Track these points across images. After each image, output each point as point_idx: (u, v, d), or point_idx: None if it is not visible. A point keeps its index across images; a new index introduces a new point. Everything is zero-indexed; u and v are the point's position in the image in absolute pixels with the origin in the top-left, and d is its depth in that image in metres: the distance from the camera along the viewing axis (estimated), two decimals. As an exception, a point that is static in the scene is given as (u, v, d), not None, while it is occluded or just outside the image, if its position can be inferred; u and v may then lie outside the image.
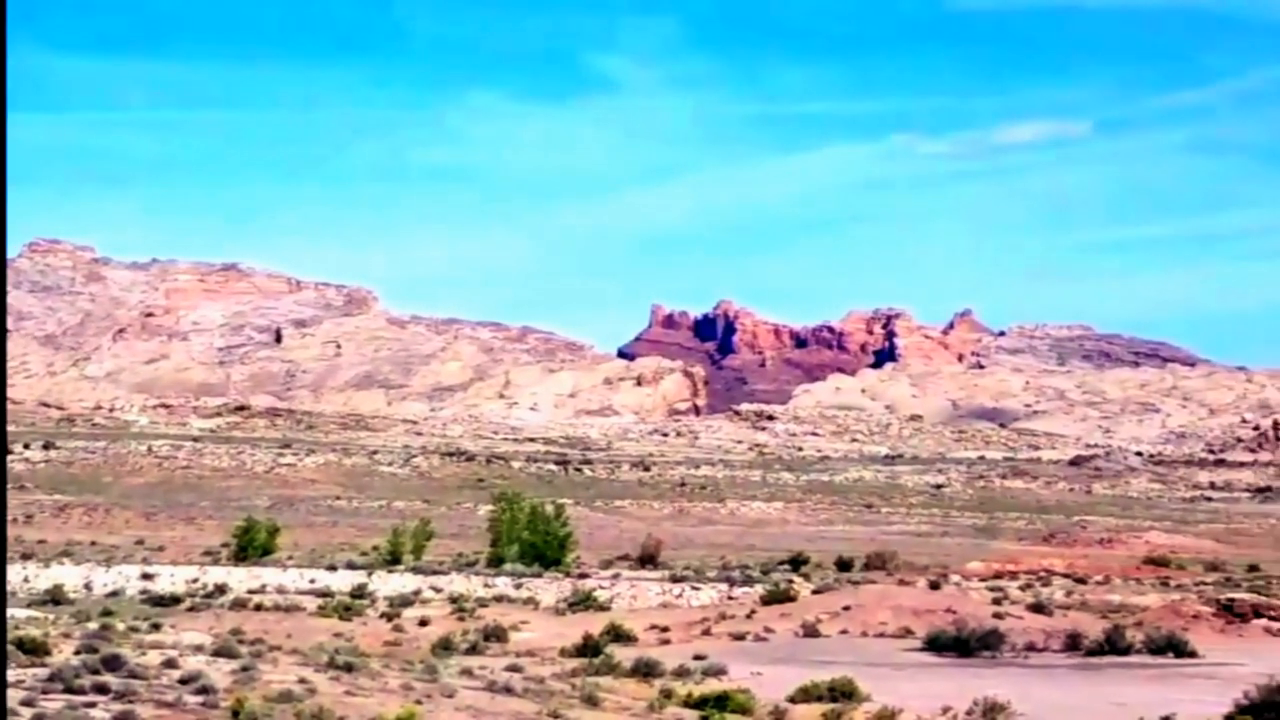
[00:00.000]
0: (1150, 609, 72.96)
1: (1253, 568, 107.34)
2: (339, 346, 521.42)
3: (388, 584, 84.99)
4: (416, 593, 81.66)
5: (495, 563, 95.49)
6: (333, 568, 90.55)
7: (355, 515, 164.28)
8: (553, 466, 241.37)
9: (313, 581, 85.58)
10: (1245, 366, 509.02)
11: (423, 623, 68.68)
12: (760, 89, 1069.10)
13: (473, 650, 57.14)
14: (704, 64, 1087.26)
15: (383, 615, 72.20)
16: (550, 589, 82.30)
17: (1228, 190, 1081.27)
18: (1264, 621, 69.56)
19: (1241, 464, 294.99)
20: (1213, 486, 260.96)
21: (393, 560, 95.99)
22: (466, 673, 43.35)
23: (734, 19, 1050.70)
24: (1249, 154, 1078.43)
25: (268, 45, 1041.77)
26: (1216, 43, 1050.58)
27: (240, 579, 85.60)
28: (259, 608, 74.14)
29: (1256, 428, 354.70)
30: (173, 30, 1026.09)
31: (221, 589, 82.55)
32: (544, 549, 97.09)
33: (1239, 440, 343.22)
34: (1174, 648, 59.65)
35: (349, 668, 40.50)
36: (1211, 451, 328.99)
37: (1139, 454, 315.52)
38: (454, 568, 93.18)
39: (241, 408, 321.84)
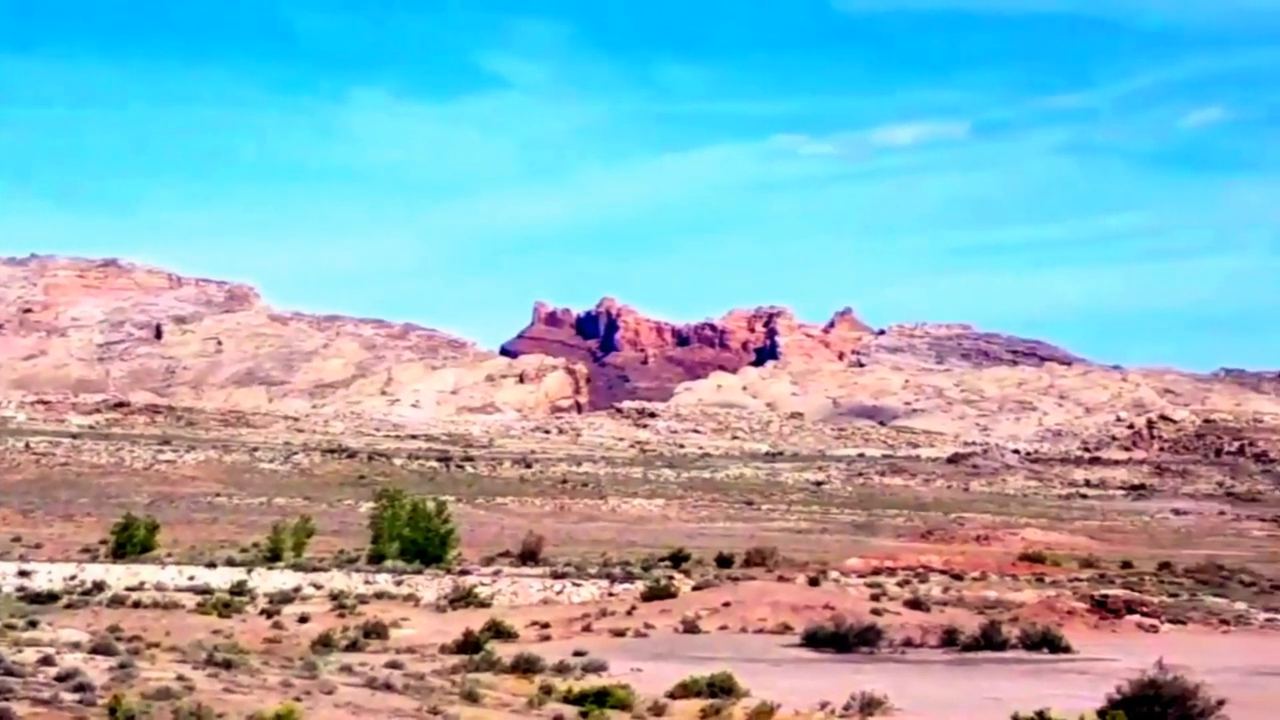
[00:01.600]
0: (1026, 605, 73.74)
1: (1126, 564, 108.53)
2: (220, 343, 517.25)
3: (268, 581, 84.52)
4: (297, 590, 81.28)
5: (376, 560, 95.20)
6: (212, 565, 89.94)
7: (235, 512, 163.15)
8: (435, 463, 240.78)
9: (192, 579, 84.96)
10: (1120, 366, 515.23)
11: (303, 620, 68.45)
12: (647, 88, 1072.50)
13: (353, 647, 57.04)
14: (592, 63, 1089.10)
15: (262, 612, 71.85)
16: (431, 586, 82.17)
17: (1104, 193, 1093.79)
18: (1136, 617, 70.54)
19: (1116, 462, 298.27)
20: (1088, 484, 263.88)
21: (273, 557, 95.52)
22: (346, 670, 43.29)
23: (623, 19, 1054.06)
24: (1126, 157, 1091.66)
25: (151, 40, 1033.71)
26: (1095, 47, 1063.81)
27: (119, 576, 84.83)
28: (137, 605, 73.58)
29: (1131, 426, 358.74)
30: (56, 25, 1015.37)
31: (99, 586, 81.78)
32: (425, 546, 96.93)
33: (1114, 438, 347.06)
34: (1049, 643, 60.37)
35: (228, 665, 40.34)
36: (1087, 449, 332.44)
37: (1016, 452, 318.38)
38: (335, 565, 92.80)
39: (121, 404, 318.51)
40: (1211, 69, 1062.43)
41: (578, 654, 51.88)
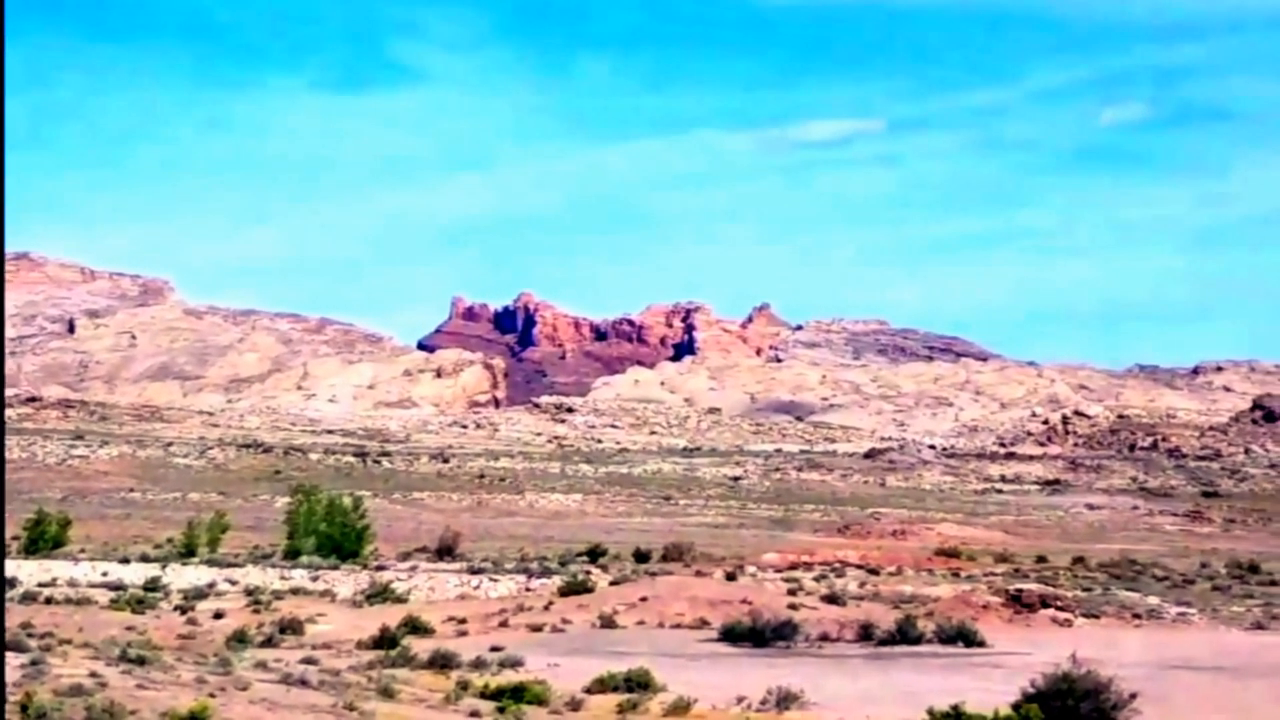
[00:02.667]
0: (941, 599, 74.05)
1: (1040, 559, 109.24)
2: (134, 337, 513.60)
3: (182, 577, 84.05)
4: (211, 585, 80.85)
5: (292, 555, 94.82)
6: (126, 560, 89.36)
7: (150, 508, 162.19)
8: (351, 459, 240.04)
9: (105, 574, 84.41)
10: (1036, 362, 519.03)
11: (217, 616, 68.05)
12: (567, 82, 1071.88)
13: (268, 643, 56.74)
14: (511, 56, 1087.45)
15: (177, 608, 71.38)
16: (347, 581, 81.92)
17: (1020, 189, 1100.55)
18: (1051, 612, 70.96)
19: (1031, 457, 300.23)
20: (1003, 479, 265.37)
21: (187, 553, 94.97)
22: (261, 666, 43.04)
23: (542, 11, 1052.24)
24: (1040, 153, 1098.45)
25: (60, 26, 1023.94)
26: (1010, 43, 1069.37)
27: (30, 572, 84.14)
28: (49, 601, 72.89)
29: (1046, 421, 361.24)
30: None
31: (11, 582, 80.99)
32: (341, 541, 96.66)
33: (1029, 434, 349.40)
34: (964, 637, 60.65)
35: (141, 661, 40.03)
36: (1002, 445, 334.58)
37: (932, 447, 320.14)
38: (250, 560, 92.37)
39: (33, 399, 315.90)
40: (1126, 66, 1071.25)
41: (494, 649, 51.77)
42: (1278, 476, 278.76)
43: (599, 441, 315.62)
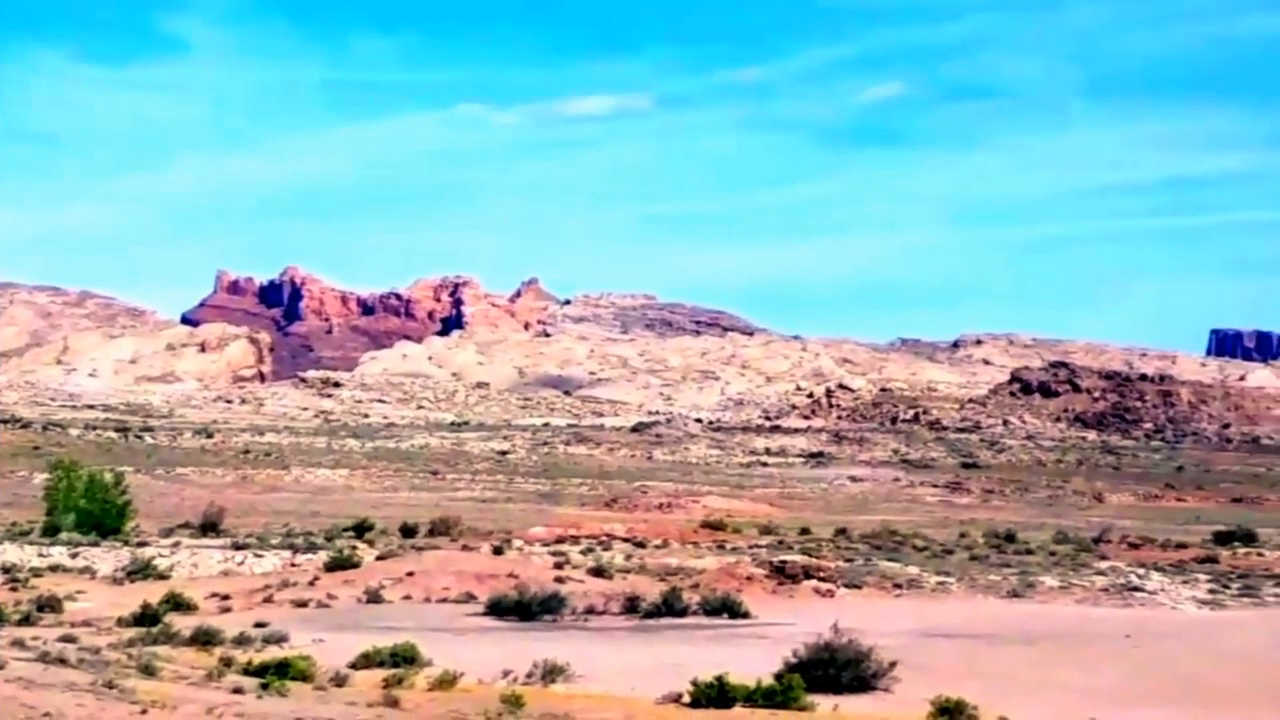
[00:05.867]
0: (707, 572, 74.62)
1: (804, 530, 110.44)
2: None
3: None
4: (-33, 564, 79.05)
5: (50, 532, 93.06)
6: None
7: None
8: (112, 434, 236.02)
9: None
10: (801, 336, 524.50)
11: (-27, 594, 66.61)
12: (333, 56, 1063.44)
13: (25, 621, 55.61)
14: (277, 29, 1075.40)
15: (-70, 587, 69.78)
16: (108, 558, 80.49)
17: (785, 166, 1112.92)
18: (813, 583, 71.85)
19: (796, 430, 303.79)
20: (768, 452, 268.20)
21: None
22: (18, 644, 42.22)
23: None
24: (806, 131, 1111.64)
25: None
26: (776, 21, 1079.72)
27: None
28: None
29: (810, 395, 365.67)
30: None
31: None
32: (102, 518, 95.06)
33: (794, 407, 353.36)
34: (728, 609, 61.20)
35: (-107, 641, 39.12)
36: (768, 418, 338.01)
37: (699, 421, 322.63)
38: (7, 537, 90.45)
39: None
40: (888, 44, 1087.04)
41: (259, 625, 51.30)
42: (1034, 448, 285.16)
43: (366, 416, 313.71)
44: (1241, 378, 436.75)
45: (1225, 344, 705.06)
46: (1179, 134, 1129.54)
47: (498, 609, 60.17)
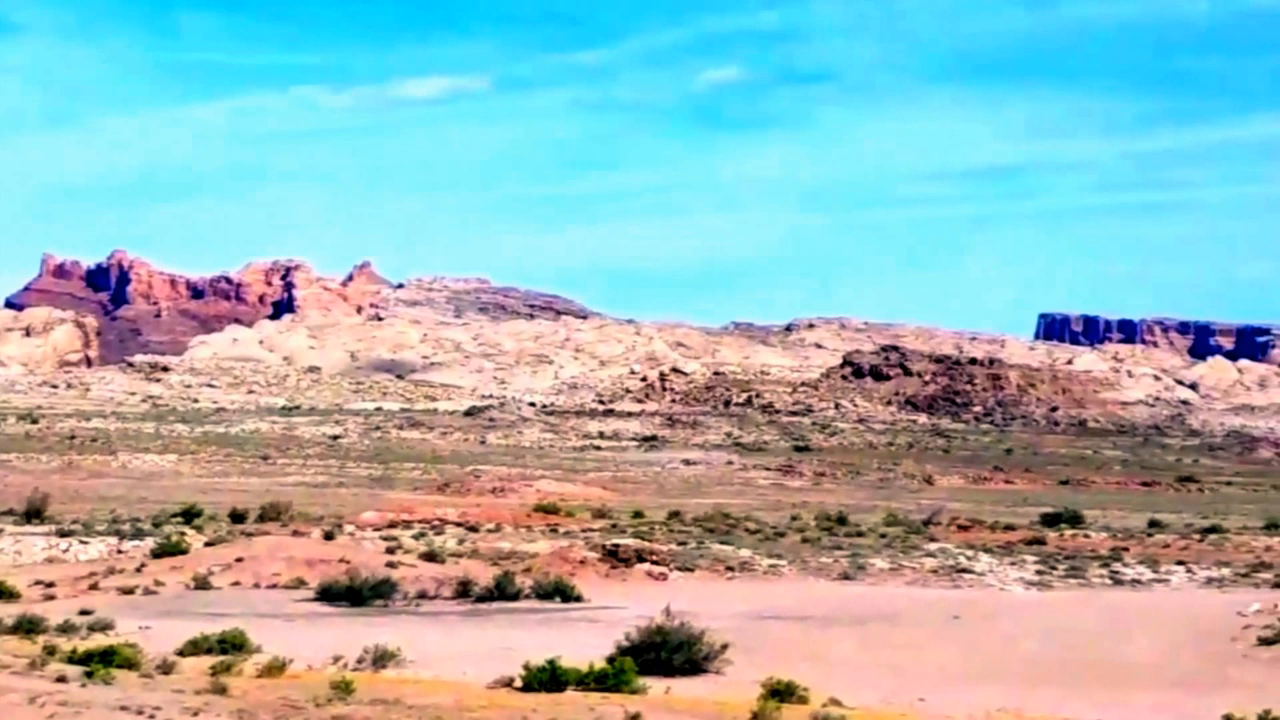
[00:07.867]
0: (539, 556, 74.60)
1: (637, 514, 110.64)
2: None
3: None
4: None
5: None
6: None
7: None
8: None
9: None
10: (635, 320, 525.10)
11: None
12: (164, 36, 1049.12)
13: None
14: (107, 8, 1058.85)
15: None
16: (-72, 546, 78.97)
17: (622, 149, 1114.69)
18: (646, 566, 72.05)
19: (630, 414, 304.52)
20: (602, 436, 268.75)
21: None
22: None
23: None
24: (643, 114, 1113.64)
25: None
26: (616, 3, 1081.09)
27: None
28: None
29: (644, 379, 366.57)
30: None
31: None
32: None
33: (628, 391, 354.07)
34: (561, 593, 61.24)
35: None
36: (601, 402, 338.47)
37: (532, 404, 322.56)
38: None
39: None
40: (726, 28, 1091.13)
41: (84, 613, 50.58)
42: (866, 431, 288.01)
43: (195, 401, 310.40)
44: (1069, 361, 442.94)
45: (1053, 328, 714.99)
46: (1010, 118, 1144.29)
47: (329, 595, 59.77)
